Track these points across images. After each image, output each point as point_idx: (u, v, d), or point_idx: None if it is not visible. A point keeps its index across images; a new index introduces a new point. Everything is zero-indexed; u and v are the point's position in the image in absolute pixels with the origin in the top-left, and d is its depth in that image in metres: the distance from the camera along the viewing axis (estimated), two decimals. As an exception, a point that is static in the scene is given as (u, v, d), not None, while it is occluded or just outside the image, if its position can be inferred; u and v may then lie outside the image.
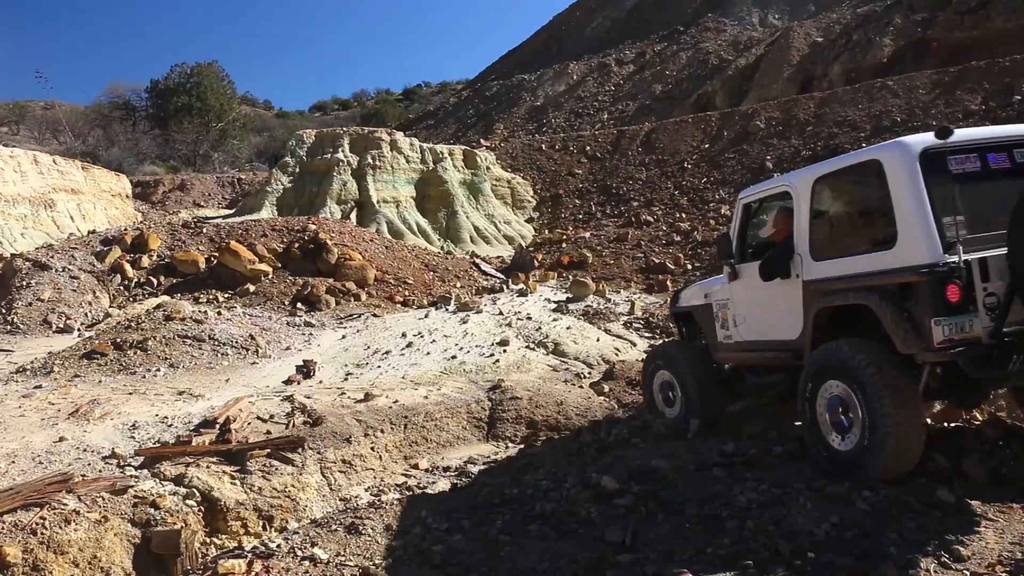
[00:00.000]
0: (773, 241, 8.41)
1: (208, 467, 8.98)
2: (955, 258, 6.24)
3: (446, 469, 10.36)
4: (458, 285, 22.25)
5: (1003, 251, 6.39)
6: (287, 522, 8.71)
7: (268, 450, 9.51)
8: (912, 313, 6.46)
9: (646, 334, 16.72)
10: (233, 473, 9.03)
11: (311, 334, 16.79)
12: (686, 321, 10.55)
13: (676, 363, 9.81)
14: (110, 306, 19.69)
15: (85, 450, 9.33)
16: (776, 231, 8.44)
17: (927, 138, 6.73)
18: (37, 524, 7.23)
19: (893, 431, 6.48)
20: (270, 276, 20.74)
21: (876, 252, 6.84)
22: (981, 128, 7.43)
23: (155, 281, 20.99)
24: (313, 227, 23.19)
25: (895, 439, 6.49)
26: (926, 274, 6.32)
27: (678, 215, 29.44)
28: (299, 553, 6.20)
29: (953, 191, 6.55)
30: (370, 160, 32.76)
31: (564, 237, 29.99)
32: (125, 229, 25.24)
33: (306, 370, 13.61)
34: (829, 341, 7.22)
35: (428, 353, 14.84)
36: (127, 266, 21.41)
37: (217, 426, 10.01)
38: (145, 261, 21.81)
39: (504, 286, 21.85)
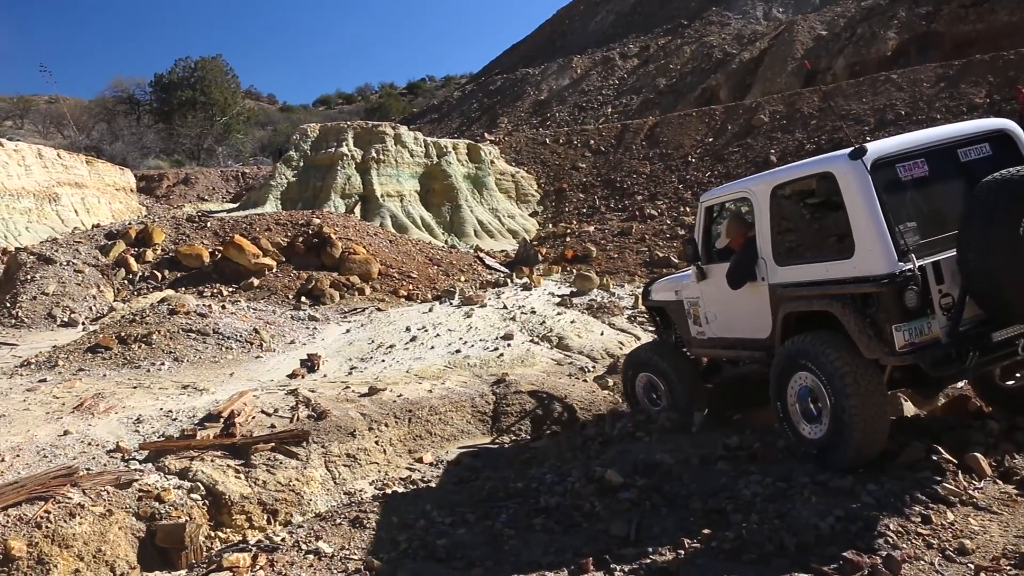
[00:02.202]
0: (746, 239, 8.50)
1: (212, 461, 8.98)
2: (910, 266, 6.53)
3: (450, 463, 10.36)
4: (462, 279, 22.24)
5: (954, 253, 6.67)
6: (291, 516, 8.70)
7: (272, 444, 9.50)
8: (874, 319, 6.72)
9: (650, 328, 16.66)
10: (237, 467, 9.03)
11: (315, 328, 16.80)
12: (659, 313, 10.77)
13: (656, 364, 10.05)
14: (114, 300, 19.72)
15: (89, 444, 9.34)
16: (731, 240, 8.71)
17: (877, 147, 6.96)
18: (42, 518, 7.24)
19: (859, 421, 6.74)
20: (274, 270, 20.75)
21: (835, 261, 7.07)
22: (923, 131, 7.63)
23: (159, 275, 21.01)
24: (317, 221, 23.20)
25: (860, 429, 6.76)
26: (884, 284, 6.57)
27: (682, 209, 29.42)
28: (303, 547, 6.22)
29: (904, 198, 6.86)
30: (374, 154, 32.77)
31: (568, 231, 29.96)
32: (129, 223, 25.27)
33: (310, 364, 13.60)
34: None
35: (432, 347, 14.82)
36: (131, 260, 21.42)
37: (221, 420, 10.01)
38: (149, 255, 21.83)
39: (508, 280, 21.82)
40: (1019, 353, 6.91)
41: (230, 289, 19.87)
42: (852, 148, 6.86)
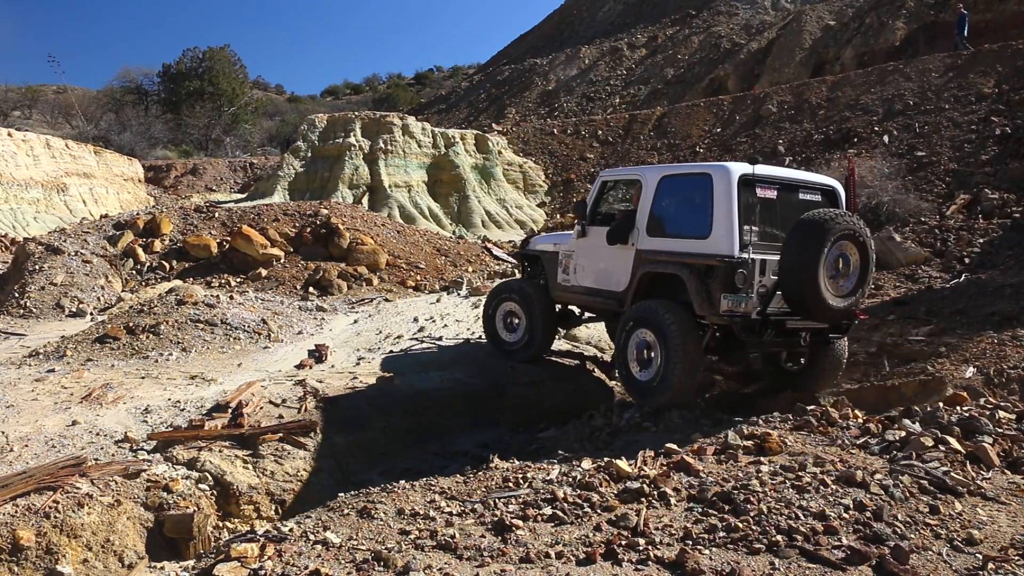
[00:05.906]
0: (626, 210, 11.00)
1: (220, 451, 9.00)
2: (746, 255, 9.04)
3: (457, 454, 10.36)
4: (470, 270, 22.23)
5: (776, 257, 9.15)
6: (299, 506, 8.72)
7: (280, 434, 9.53)
8: (709, 287, 9.15)
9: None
10: (245, 457, 9.05)
11: (323, 318, 16.80)
12: (531, 262, 13.18)
13: (527, 297, 12.39)
14: (122, 290, 19.74)
15: (98, 434, 9.35)
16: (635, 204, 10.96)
17: (745, 166, 9.35)
18: (50, 508, 7.26)
19: (680, 371, 9.26)
20: (282, 260, 20.75)
21: (694, 239, 9.51)
22: (780, 168, 10.60)
23: (167, 265, 21.03)
24: (325, 212, 23.17)
25: (680, 377, 9.28)
26: (724, 262, 9.00)
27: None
28: (311, 537, 6.21)
29: (754, 209, 9.28)
30: (382, 144, 32.75)
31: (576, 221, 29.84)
32: (137, 213, 25.27)
33: (318, 354, 13.61)
34: (646, 296, 9.99)
35: (440, 337, 14.83)
36: (139, 250, 21.44)
37: (229, 410, 10.02)
38: (157, 245, 21.83)
39: (516, 270, 21.80)
40: (802, 343, 9.86)
41: (238, 279, 19.88)
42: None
